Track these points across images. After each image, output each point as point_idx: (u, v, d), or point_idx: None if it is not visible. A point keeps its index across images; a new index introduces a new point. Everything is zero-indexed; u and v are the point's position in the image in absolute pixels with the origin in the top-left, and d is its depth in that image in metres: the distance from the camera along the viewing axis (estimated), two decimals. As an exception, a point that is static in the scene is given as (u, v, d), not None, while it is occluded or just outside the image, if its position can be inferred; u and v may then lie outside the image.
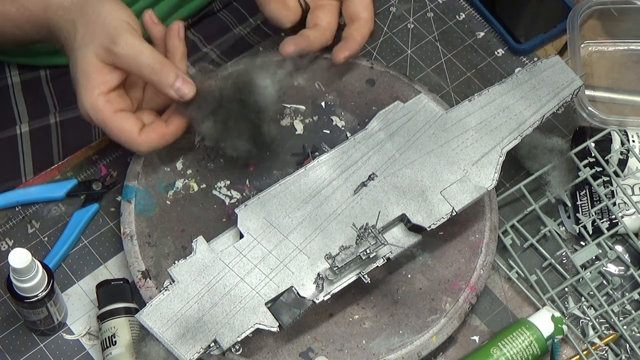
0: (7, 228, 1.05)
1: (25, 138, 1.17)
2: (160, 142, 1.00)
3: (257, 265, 0.93)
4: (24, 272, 0.92)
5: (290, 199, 0.97)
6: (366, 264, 0.94)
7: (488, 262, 1.02)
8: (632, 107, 1.13)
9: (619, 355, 1.02)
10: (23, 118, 1.19)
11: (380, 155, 1.00)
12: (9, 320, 1.01)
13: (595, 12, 1.15)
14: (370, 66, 1.12)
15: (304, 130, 1.11)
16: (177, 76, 0.97)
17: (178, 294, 0.92)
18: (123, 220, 1.02)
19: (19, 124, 1.18)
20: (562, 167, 1.07)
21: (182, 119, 1.01)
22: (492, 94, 1.03)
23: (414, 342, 0.98)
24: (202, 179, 1.07)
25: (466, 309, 1.00)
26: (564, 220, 1.08)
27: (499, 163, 1.00)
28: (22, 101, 1.20)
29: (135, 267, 1.00)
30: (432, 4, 1.22)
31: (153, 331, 0.90)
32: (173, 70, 0.97)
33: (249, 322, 0.91)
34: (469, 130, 1.01)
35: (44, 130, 1.18)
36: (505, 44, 1.19)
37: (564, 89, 1.04)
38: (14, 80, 1.22)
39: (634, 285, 1.05)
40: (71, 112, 1.19)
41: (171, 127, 1.00)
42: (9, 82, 1.22)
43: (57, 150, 1.17)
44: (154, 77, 0.97)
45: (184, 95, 0.98)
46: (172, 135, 1.01)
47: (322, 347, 0.98)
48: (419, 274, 1.02)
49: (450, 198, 0.98)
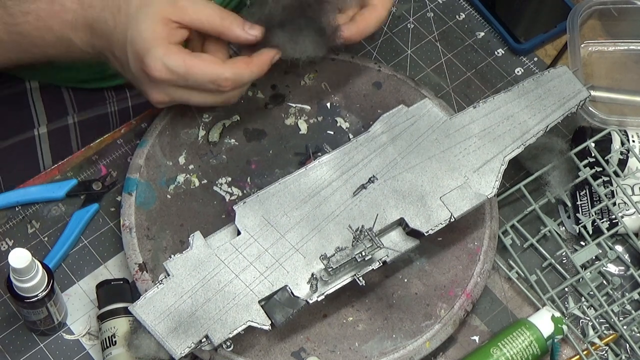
0: (7, 228, 1.06)
1: (43, 139, 1.17)
2: (246, 71, 0.98)
3: (253, 262, 0.93)
4: (24, 272, 0.93)
5: (289, 198, 0.97)
6: (361, 267, 0.94)
7: (486, 270, 1.02)
8: (632, 107, 1.13)
9: (619, 355, 1.02)
10: (42, 121, 1.19)
11: (382, 158, 1.00)
12: (9, 320, 1.01)
13: (595, 12, 1.14)
14: (378, 69, 1.12)
15: (307, 130, 1.11)
16: (243, 21, 0.97)
17: (172, 288, 0.92)
18: (123, 212, 1.02)
19: (37, 126, 1.18)
20: (562, 167, 1.07)
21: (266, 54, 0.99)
22: (497, 101, 1.03)
23: (406, 347, 0.98)
24: (204, 175, 1.07)
25: (461, 316, 1.00)
26: (564, 220, 1.08)
27: (501, 171, 1.00)
28: (40, 104, 1.19)
29: (133, 260, 1.00)
30: (432, 4, 1.22)
31: (145, 324, 0.90)
32: (238, 17, 0.97)
33: (242, 319, 0.91)
34: (472, 137, 1.01)
35: (63, 130, 1.18)
36: (505, 44, 1.19)
37: (570, 99, 1.04)
38: (33, 86, 1.20)
39: (634, 285, 1.05)
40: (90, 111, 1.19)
41: (255, 59, 0.99)
42: (27, 86, 1.20)
43: (77, 149, 1.16)
44: (225, 22, 0.97)
45: (256, 34, 0.98)
46: (257, 66, 0.98)
47: (314, 348, 0.98)
48: (415, 278, 1.02)
49: (449, 204, 0.98)
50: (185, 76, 0.96)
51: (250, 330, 0.92)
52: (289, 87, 1.12)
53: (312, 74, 1.12)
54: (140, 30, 0.95)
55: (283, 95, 1.12)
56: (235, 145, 1.09)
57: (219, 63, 0.97)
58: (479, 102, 1.03)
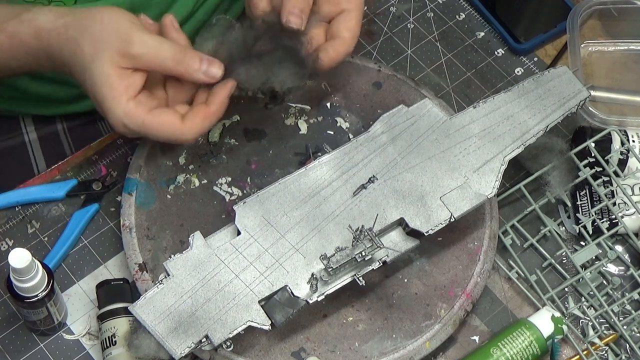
0: (7, 228, 1.06)
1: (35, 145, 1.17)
2: (205, 124, 0.96)
3: (253, 262, 0.93)
4: (24, 272, 0.93)
5: (289, 198, 0.97)
6: (361, 267, 0.94)
7: (486, 270, 1.02)
8: (632, 107, 1.13)
9: (619, 355, 1.02)
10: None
11: (382, 158, 1.00)
12: (9, 320, 1.01)
13: (595, 12, 1.14)
14: (378, 69, 1.12)
15: (307, 130, 1.11)
16: (201, 59, 0.95)
17: (172, 288, 0.92)
18: (123, 212, 1.02)
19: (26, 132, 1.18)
20: (562, 167, 1.07)
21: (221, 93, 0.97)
22: (497, 101, 1.03)
23: (406, 347, 0.98)
24: (204, 175, 1.07)
25: (461, 316, 1.00)
26: (564, 220, 1.08)
27: (501, 171, 1.00)
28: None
29: (133, 260, 1.00)
30: (432, 4, 1.22)
31: (145, 324, 0.90)
32: (196, 55, 0.95)
33: (242, 319, 0.91)
34: (472, 137, 1.01)
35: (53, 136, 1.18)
36: (505, 44, 1.19)
37: (570, 99, 1.04)
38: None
39: (634, 285, 1.05)
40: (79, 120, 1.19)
41: (213, 106, 0.97)
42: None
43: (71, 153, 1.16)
44: (180, 66, 0.94)
45: (214, 75, 0.95)
46: (215, 114, 0.97)
47: (314, 348, 0.98)
48: (415, 278, 1.02)
49: (449, 204, 0.98)
50: (145, 134, 0.96)
51: (250, 330, 0.92)
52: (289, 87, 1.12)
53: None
54: (97, 83, 0.94)
55: (283, 95, 1.12)
56: (235, 145, 1.09)
57: (177, 123, 0.95)
58: (479, 102, 1.03)
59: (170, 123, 0.95)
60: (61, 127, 1.19)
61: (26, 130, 1.18)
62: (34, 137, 1.17)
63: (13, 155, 1.17)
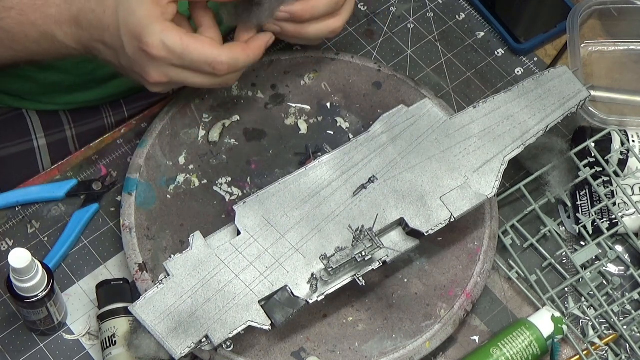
0: (7, 228, 1.06)
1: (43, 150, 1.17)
2: (242, 57, 0.96)
3: (253, 262, 0.93)
4: (24, 272, 0.93)
5: (289, 198, 0.97)
6: (361, 267, 0.94)
7: (486, 270, 1.02)
8: (632, 107, 1.13)
9: (619, 355, 1.02)
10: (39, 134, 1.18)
11: (382, 158, 1.00)
12: (9, 320, 1.01)
13: (595, 12, 1.14)
14: (378, 69, 1.12)
15: (307, 130, 1.11)
16: None
17: (172, 288, 0.92)
18: (123, 212, 1.02)
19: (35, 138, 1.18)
20: (562, 167, 1.07)
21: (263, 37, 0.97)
22: (497, 101, 1.03)
23: (406, 347, 0.98)
24: (204, 175, 1.07)
25: (461, 316, 1.00)
26: (564, 220, 1.08)
27: (501, 171, 1.00)
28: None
29: (133, 260, 1.00)
30: (432, 4, 1.22)
31: (145, 324, 0.90)
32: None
33: (242, 319, 0.91)
34: (472, 137, 1.01)
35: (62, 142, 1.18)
36: (505, 44, 1.19)
37: (570, 99, 1.04)
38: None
39: (634, 285, 1.05)
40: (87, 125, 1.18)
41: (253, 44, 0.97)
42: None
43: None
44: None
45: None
46: (254, 52, 0.97)
47: (314, 348, 0.98)
48: (415, 278, 1.02)
49: (449, 204, 0.98)
50: (182, 55, 0.94)
51: (250, 330, 0.92)
52: (289, 87, 1.12)
53: (312, 74, 1.12)
54: (133, 9, 0.93)
55: (283, 95, 1.12)
56: (235, 145, 1.09)
57: (215, 45, 0.95)
58: (479, 102, 1.03)
59: (208, 43, 0.94)
60: (70, 135, 1.18)
61: (36, 137, 1.18)
62: (43, 143, 1.17)
63: (22, 161, 1.17)
